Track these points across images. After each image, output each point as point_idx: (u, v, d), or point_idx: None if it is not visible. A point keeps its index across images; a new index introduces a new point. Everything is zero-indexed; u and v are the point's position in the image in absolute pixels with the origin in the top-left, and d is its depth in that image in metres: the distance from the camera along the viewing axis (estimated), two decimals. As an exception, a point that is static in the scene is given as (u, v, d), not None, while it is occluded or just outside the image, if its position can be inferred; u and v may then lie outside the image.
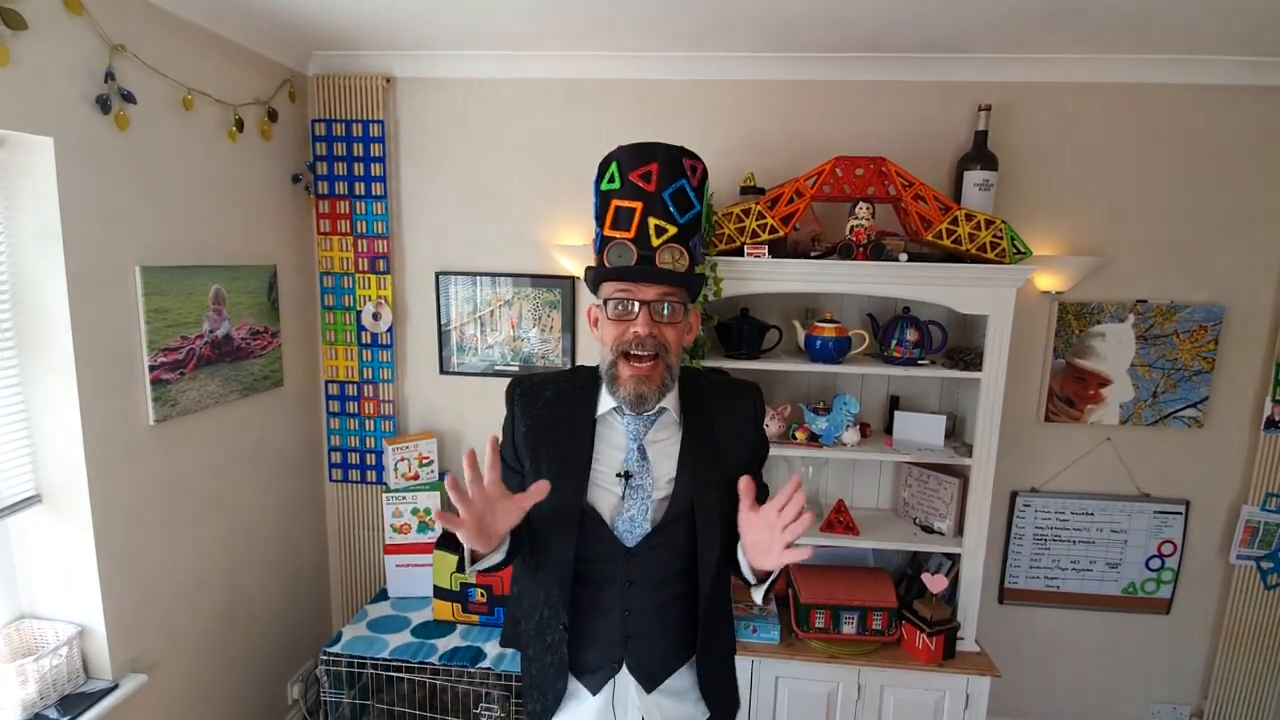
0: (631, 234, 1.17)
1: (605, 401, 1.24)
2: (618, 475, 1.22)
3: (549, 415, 1.26)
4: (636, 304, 1.16)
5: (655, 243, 1.16)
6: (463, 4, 2.00)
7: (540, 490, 1.08)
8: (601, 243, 1.20)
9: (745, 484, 1.09)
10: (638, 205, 1.16)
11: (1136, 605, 2.59)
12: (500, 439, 1.31)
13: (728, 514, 1.22)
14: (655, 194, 1.16)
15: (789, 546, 1.04)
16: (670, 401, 1.24)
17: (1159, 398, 2.45)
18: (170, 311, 1.96)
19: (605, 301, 1.19)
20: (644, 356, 1.16)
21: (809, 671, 2.24)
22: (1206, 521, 2.53)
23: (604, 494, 1.23)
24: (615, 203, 1.18)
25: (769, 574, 1.17)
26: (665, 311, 1.17)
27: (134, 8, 1.81)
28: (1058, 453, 2.54)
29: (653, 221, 1.16)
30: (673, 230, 1.17)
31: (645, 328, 1.15)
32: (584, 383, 1.28)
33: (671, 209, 1.17)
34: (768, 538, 1.07)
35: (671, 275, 1.16)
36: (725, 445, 1.26)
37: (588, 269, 1.23)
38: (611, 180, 1.19)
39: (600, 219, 1.22)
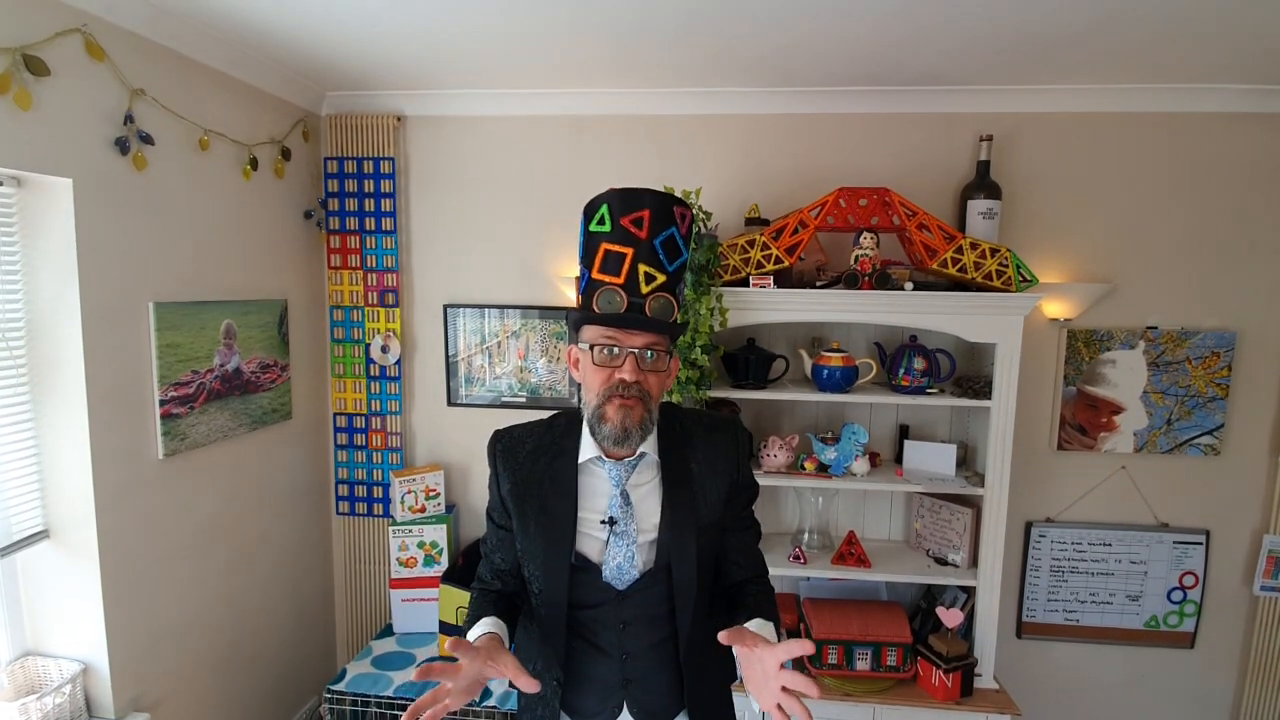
0: (621, 280, 1.15)
1: (586, 449, 1.23)
2: (602, 522, 1.21)
3: (531, 468, 1.25)
4: (624, 350, 1.15)
5: (644, 290, 1.15)
6: (473, 44, 2.06)
7: (529, 685, 1.02)
8: (588, 286, 1.18)
9: (727, 636, 1.01)
10: (628, 251, 1.15)
11: (1159, 639, 2.52)
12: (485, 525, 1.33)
13: (705, 558, 1.24)
14: (646, 241, 1.15)
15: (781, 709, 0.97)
16: (650, 445, 1.23)
17: (1173, 425, 2.42)
18: (182, 346, 1.98)
19: (591, 346, 1.17)
20: (629, 396, 1.15)
21: (823, 710, 2.18)
22: (1228, 552, 2.47)
23: (591, 541, 1.22)
24: (605, 246, 1.16)
25: None
26: (650, 359, 1.16)
27: (154, 53, 1.87)
28: (1072, 482, 2.50)
29: (643, 268, 1.15)
30: (662, 278, 1.16)
31: (631, 374, 1.14)
32: (563, 431, 1.28)
33: (661, 256, 1.16)
34: (760, 683, 1.01)
35: (661, 324, 1.15)
36: (701, 486, 1.25)
37: (570, 311, 1.22)
38: (601, 222, 1.17)
39: (588, 261, 1.19)
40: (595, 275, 1.17)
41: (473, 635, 1.12)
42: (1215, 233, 2.36)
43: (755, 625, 1.15)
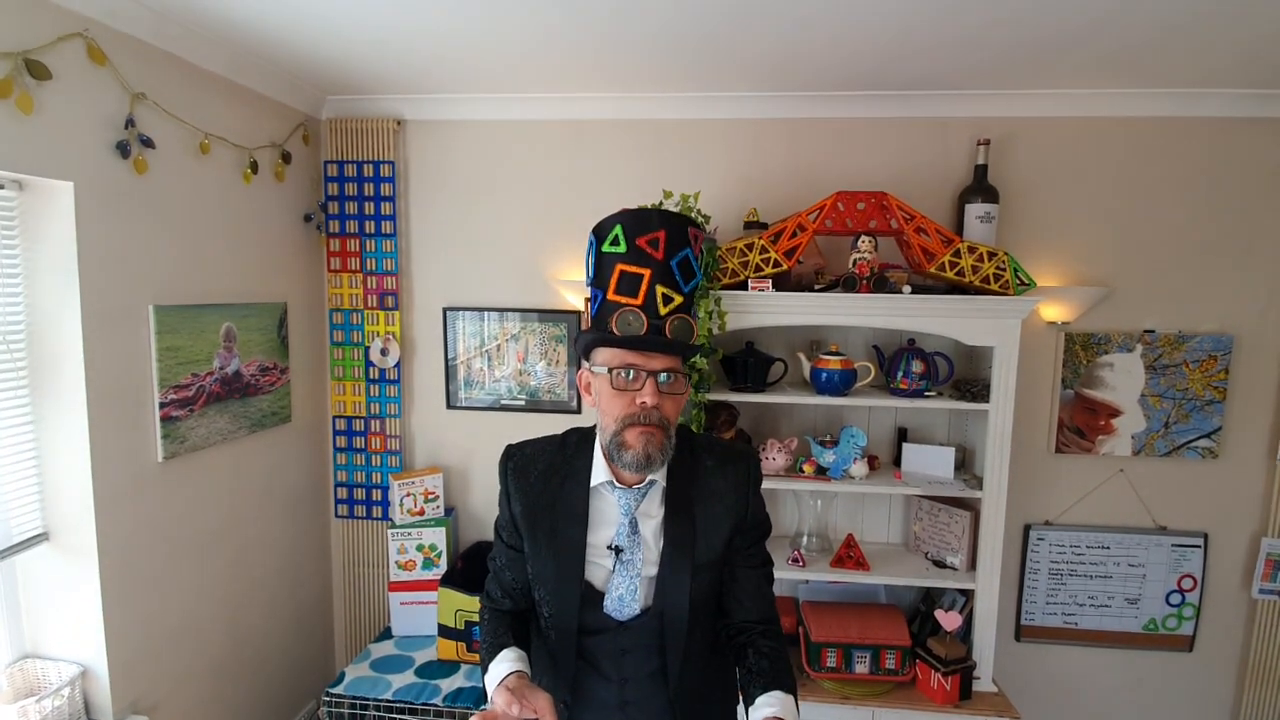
0: (639, 301, 1.11)
1: (598, 473, 1.20)
2: (609, 548, 1.20)
3: (543, 489, 1.23)
4: (644, 374, 1.11)
5: (663, 311, 1.12)
6: (473, 49, 2.07)
7: None
8: (602, 307, 1.15)
9: None
10: (646, 272, 1.12)
11: (1158, 642, 2.52)
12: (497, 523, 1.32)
13: (701, 596, 1.21)
14: (663, 262, 1.12)
15: None
16: (661, 473, 1.20)
17: (1171, 428, 2.42)
18: (182, 349, 1.99)
19: (610, 370, 1.12)
20: (649, 424, 1.12)
21: (822, 713, 2.18)
22: (1226, 555, 2.47)
23: (597, 569, 1.21)
24: (620, 267, 1.13)
25: None
26: (667, 382, 1.12)
27: (155, 57, 1.88)
28: (1070, 485, 2.50)
29: (660, 290, 1.12)
30: (679, 299, 1.14)
31: (654, 397, 1.10)
32: (575, 451, 1.25)
33: (678, 277, 1.14)
34: None
35: (683, 346, 1.12)
36: (704, 521, 1.22)
37: (582, 333, 1.19)
38: (616, 243, 1.13)
39: (601, 282, 1.15)
40: (611, 297, 1.13)
41: (499, 674, 1.13)
42: (1212, 236, 2.37)
43: (775, 708, 1.10)
